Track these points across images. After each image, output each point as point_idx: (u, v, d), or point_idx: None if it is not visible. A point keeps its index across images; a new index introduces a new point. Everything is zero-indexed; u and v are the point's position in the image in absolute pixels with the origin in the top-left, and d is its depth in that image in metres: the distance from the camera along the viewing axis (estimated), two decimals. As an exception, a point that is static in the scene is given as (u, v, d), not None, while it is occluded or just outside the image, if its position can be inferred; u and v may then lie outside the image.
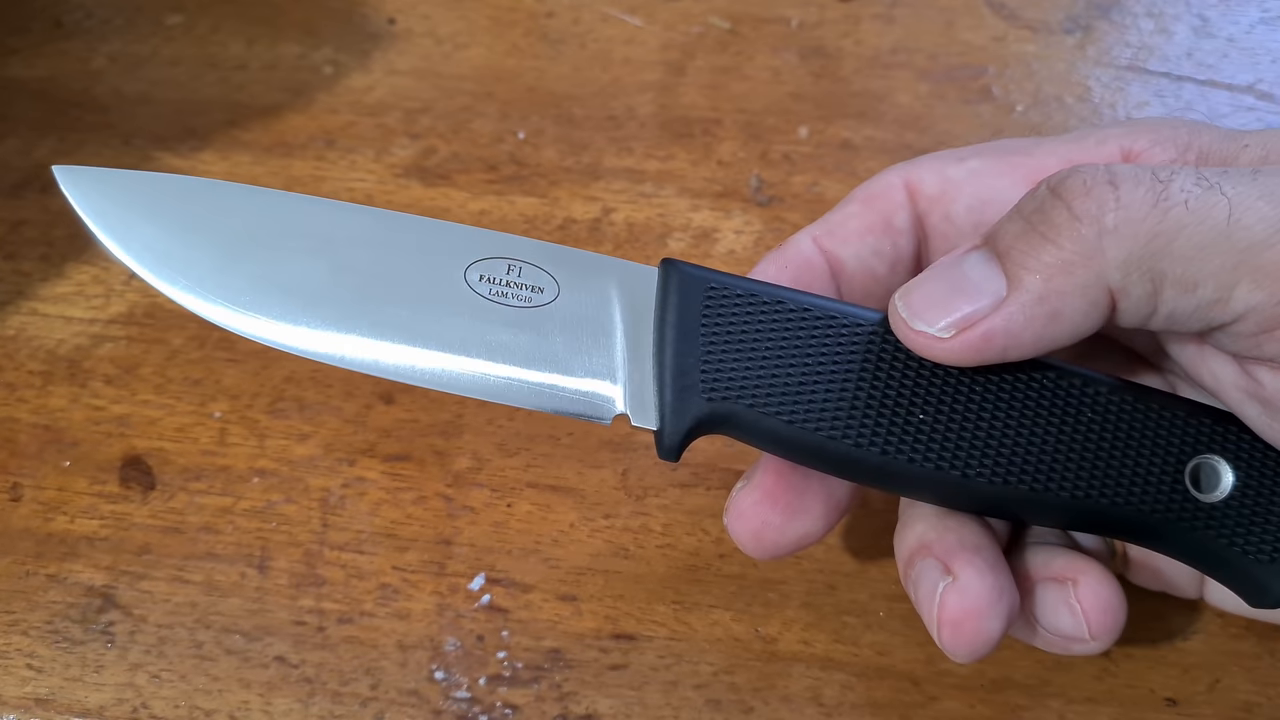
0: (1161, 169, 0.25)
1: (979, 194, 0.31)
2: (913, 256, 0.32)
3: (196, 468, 0.39)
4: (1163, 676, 0.35)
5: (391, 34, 0.51)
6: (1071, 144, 0.31)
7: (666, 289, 0.29)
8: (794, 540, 0.30)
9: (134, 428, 0.40)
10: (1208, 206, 0.25)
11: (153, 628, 0.36)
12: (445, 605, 0.36)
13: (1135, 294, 0.26)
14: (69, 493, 0.39)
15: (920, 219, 0.32)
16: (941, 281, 0.27)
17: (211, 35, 0.51)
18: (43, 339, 0.42)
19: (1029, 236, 0.26)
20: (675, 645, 0.35)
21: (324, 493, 0.38)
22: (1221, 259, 0.24)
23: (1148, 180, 0.25)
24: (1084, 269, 0.25)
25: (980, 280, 0.26)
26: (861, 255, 0.32)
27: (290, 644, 0.36)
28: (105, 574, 0.37)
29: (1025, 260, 0.26)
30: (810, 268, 0.31)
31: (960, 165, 0.32)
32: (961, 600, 0.28)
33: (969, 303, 0.26)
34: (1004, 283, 0.26)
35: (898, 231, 0.32)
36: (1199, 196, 0.25)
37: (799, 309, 0.29)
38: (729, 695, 0.34)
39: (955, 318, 0.27)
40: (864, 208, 0.32)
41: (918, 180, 0.32)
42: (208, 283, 0.29)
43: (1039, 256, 0.26)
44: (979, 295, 0.26)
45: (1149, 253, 0.25)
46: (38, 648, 0.36)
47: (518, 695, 0.35)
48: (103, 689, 0.35)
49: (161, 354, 0.42)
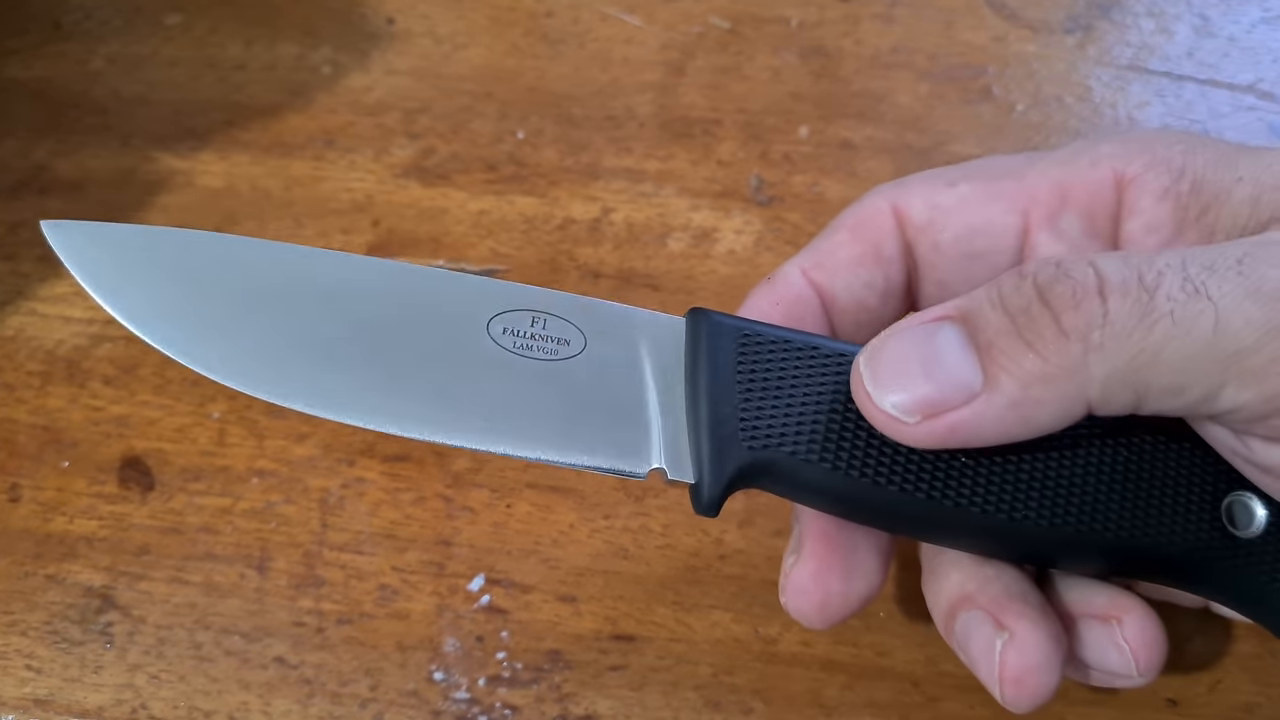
0: (1149, 267, 0.25)
1: (968, 223, 0.31)
2: (903, 286, 0.32)
3: (195, 468, 0.39)
4: (1164, 677, 0.34)
5: (390, 34, 0.51)
6: (1064, 165, 0.31)
7: (697, 338, 0.28)
8: (857, 603, 0.29)
9: (133, 428, 0.40)
10: (1193, 317, 0.24)
11: (152, 628, 0.36)
12: (445, 606, 0.36)
13: (1116, 403, 0.25)
14: (68, 493, 0.39)
15: (909, 247, 0.32)
16: (912, 355, 0.26)
17: (210, 36, 0.51)
18: (41, 339, 0.42)
19: (1012, 340, 0.25)
20: (675, 646, 0.35)
21: (323, 493, 0.38)
22: (1207, 367, 0.24)
23: (1134, 290, 0.24)
24: (1065, 383, 0.25)
25: (954, 367, 0.25)
26: (853, 288, 0.31)
27: (289, 645, 0.36)
28: (104, 575, 0.37)
29: (1005, 363, 0.25)
30: (801, 302, 0.31)
31: (950, 191, 0.31)
32: (1022, 657, 0.28)
33: (939, 390, 0.25)
34: (980, 377, 0.25)
35: (888, 261, 0.31)
36: (1184, 306, 0.24)
37: (833, 354, 0.28)
38: (729, 696, 0.34)
39: (922, 401, 0.26)
40: (852, 236, 0.31)
41: (905, 207, 0.31)
42: (215, 346, 0.28)
43: (1020, 363, 0.25)
44: (951, 384, 0.25)
45: (1133, 369, 0.24)
46: (37, 648, 0.36)
47: (517, 696, 0.35)
48: (101, 690, 0.35)
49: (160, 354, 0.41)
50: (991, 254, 0.31)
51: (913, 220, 0.31)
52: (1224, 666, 0.35)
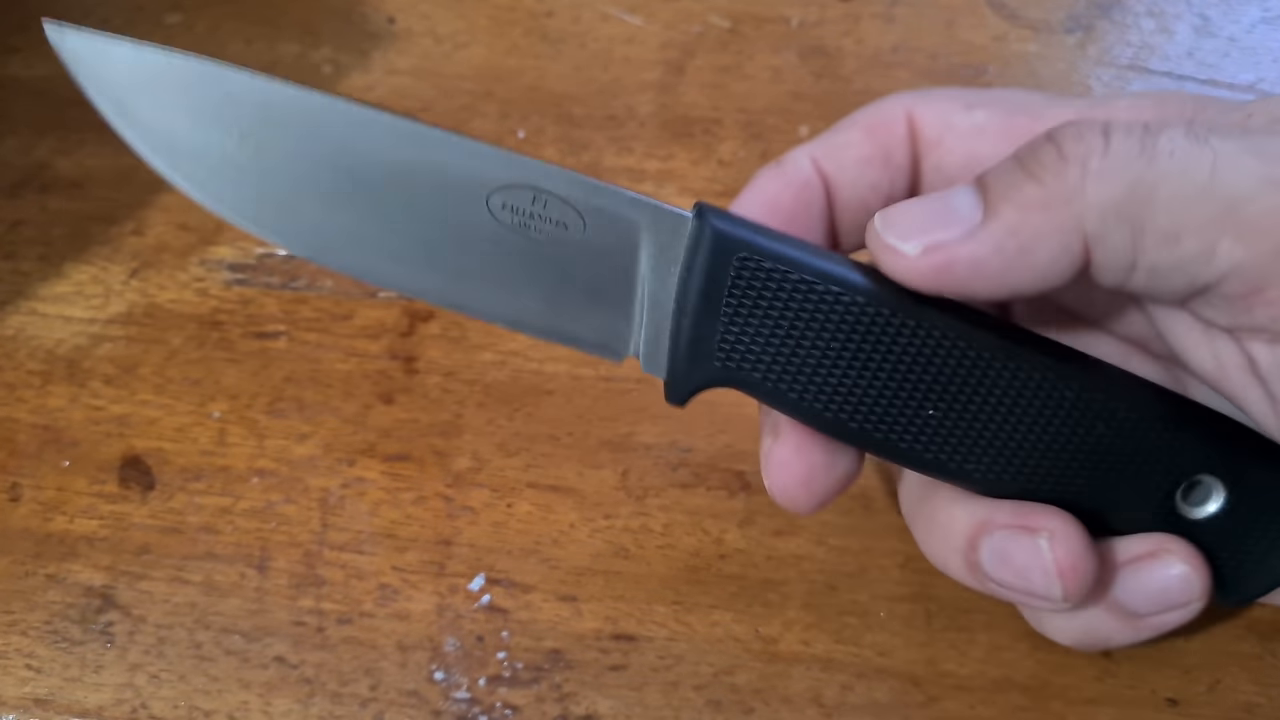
0: (1155, 124, 0.25)
1: (976, 152, 0.31)
2: (906, 193, 0.32)
3: (196, 468, 0.39)
4: (1163, 677, 0.34)
5: (391, 33, 0.51)
6: (1080, 112, 0.31)
7: (697, 245, 0.28)
8: (839, 480, 0.31)
9: (133, 428, 0.40)
10: (1193, 158, 0.24)
11: (152, 628, 0.36)
12: (445, 606, 0.36)
13: (1113, 242, 0.25)
14: (68, 493, 0.39)
15: (916, 160, 0.32)
16: (923, 206, 0.27)
17: (210, 35, 0.51)
18: (42, 339, 0.42)
19: (1015, 172, 0.26)
20: (675, 646, 0.35)
21: (323, 493, 0.38)
22: (1203, 211, 0.24)
23: (1138, 131, 0.25)
24: (1062, 209, 0.25)
25: (959, 208, 0.26)
26: (858, 186, 0.31)
27: (290, 644, 0.36)
28: (104, 574, 0.37)
29: (1006, 193, 0.26)
30: (808, 189, 0.31)
31: (966, 114, 0.31)
32: (1069, 546, 0.29)
33: (943, 227, 0.26)
34: (981, 211, 0.26)
35: (895, 168, 0.31)
36: (1185, 149, 0.25)
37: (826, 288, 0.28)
38: (729, 696, 0.34)
39: (927, 240, 0.26)
40: (865, 136, 0.31)
41: (920, 119, 0.31)
42: (224, 186, 0.29)
43: (1020, 190, 0.26)
44: (954, 221, 0.26)
45: (1130, 200, 0.25)
46: (37, 648, 0.36)
47: (518, 696, 0.35)
48: (102, 689, 0.35)
49: (161, 354, 0.42)
50: None
51: (924, 134, 0.31)
52: (1224, 666, 0.35)
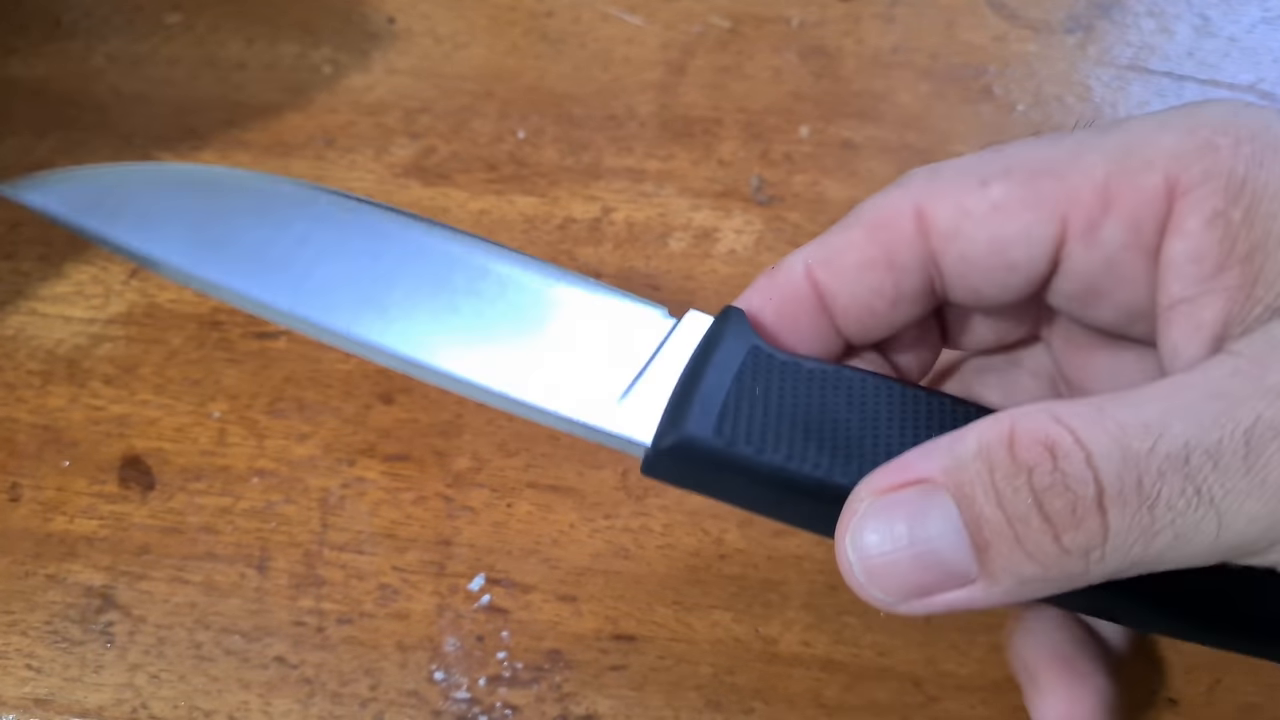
0: (1148, 467, 0.24)
1: (1000, 235, 0.28)
2: (919, 291, 0.30)
3: (196, 468, 0.39)
4: (1164, 677, 0.34)
5: (391, 33, 0.51)
6: (1115, 162, 0.28)
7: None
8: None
9: (133, 428, 0.40)
10: (1195, 526, 0.24)
11: (152, 628, 0.36)
12: (445, 606, 0.36)
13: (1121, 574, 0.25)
14: (68, 493, 0.39)
15: (934, 256, 0.29)
16: (902, 542, 0.25)
17: (210, 34, 0.51)
18: (42, 339, 0.42)
19: (1012, 548, 0.25)
20: (675, 646, 0.35)
21: (323, 493, 0.38)
22: (1210, 559, 0.24)
23: (1134, 502, 0.24)
24: (1064, 584, 0.25)
25: (950, 559, 0.25)
26: (858, 293, 0.30)
27: (290, 644, 0.36)
28: (104, 574, 0.37)
29: (1005, 565, 0.25)
30: (796, 300, 0.30)
31: (981, 194, 0.29)
32: None
33: (934, 580, 0.25)
34: (975, 568, 0.25)
35: (901, 269, 0.29)
36: (1186, 516, 0.24)
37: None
38: (730, 696, 0.34)
39: (915, 589, 0.25)
40: (866, 238, 0.29)
41: (932, 212, 0.29)
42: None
43: (1020, 569, 0.25)
44: (946, 574, 0.25)
45: (1132, 569, 0.25)
46: (37, 648, 0.36)
47: (517, 696, 0.34)
48: (102, 689, 0.35)
49: (161, 354, 0.42)
50: (1026, 265, 0.29)
51: (938, 228, 0.29)
52: (1224, 666, 0.35)
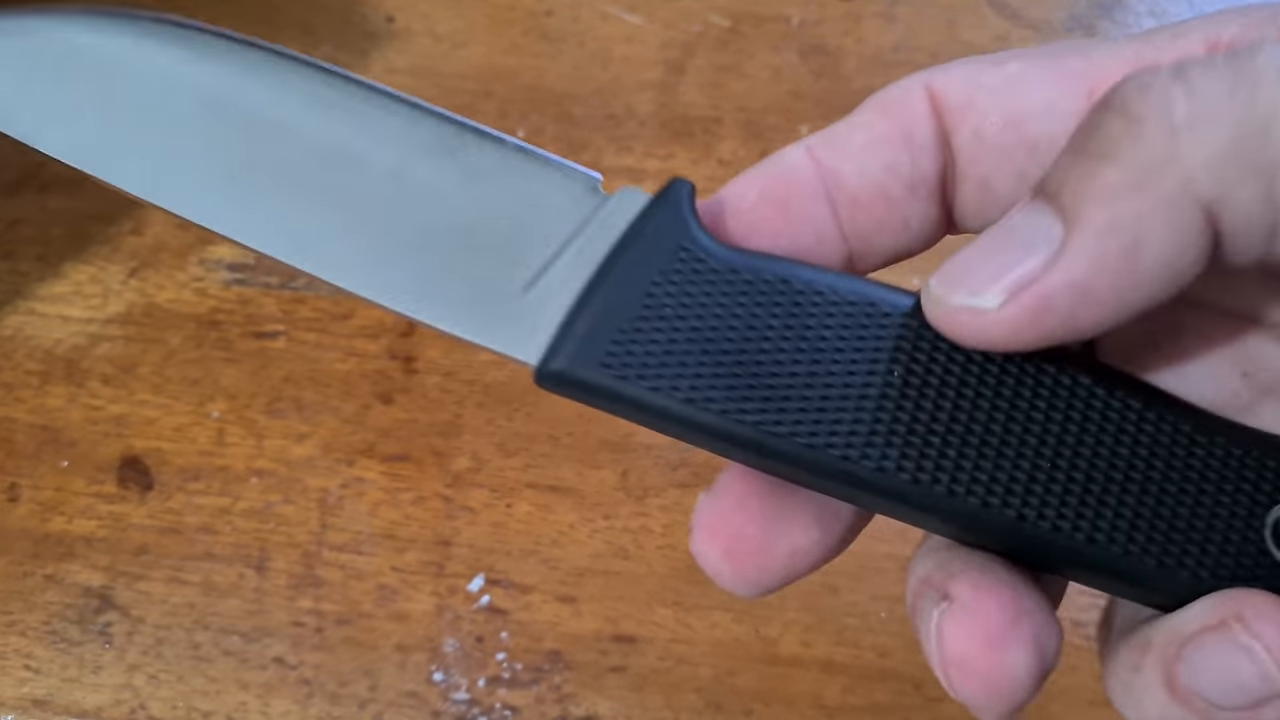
0: (1239, 45, 0.20)
1: (1019, 105, 0.25)
2: (937, 179, 0.25)
3: (194, 468, 0.39)
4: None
5: (390, 32, 0.51)
6: (1141, 43, 0.25)
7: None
8: (782, 560, 0.23)
9: (132, 428, 0.40)
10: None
11: (150, 628, 0.36)
12: (444, 606, 0.36)
13: (1242, 199, 0.19)
14: (66, 493, 0.39)
15: (945, 136, 0.25)
16: (983, 246, 0.21)
17: (210, 33, 0.51)
18: (40, 339, 0.42)
19: (1081, 162, 0.20)
20: (676, 647, 0.35)
21: (322, 493, 0.38)
22: None
23: (1221, 60, 0.20)
24: (1160, 181, 0.19)
25: (1030, 232, 0.21)
26: (869, 171, 0.25)
27: (288, 645, 0.35)
28: (103, 574, 0.37)
29: (1081, 189, 0.20)
30: (793, 183, 0.25)
31: (996, 70, 0.25)
32: (963, 629, 0.21)
33: (1019, 260, 0.20)
34: (1058, 224, 0.20)
35: (919, 147, 0.25)
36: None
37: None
38: (730, 698, 0.34)
39: (1004, 281, 0.20)
40: (878, 117, 0.25)
41: (942, 88, 0.25)
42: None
43: (1096, 179, 0.20)
44: (1031, 248, 0.20)
45: (1243, 142, 0.19)
46: (35, 648, 0.36)
47: (517, 697, 0.34)
48: (100, 690, 0.35)
49: (159, 353, 0.41)
50: (1049, 144, 0.24)
51: (950, 102, 0.25)
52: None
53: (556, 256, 0.24)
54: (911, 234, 0.25)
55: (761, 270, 0.23)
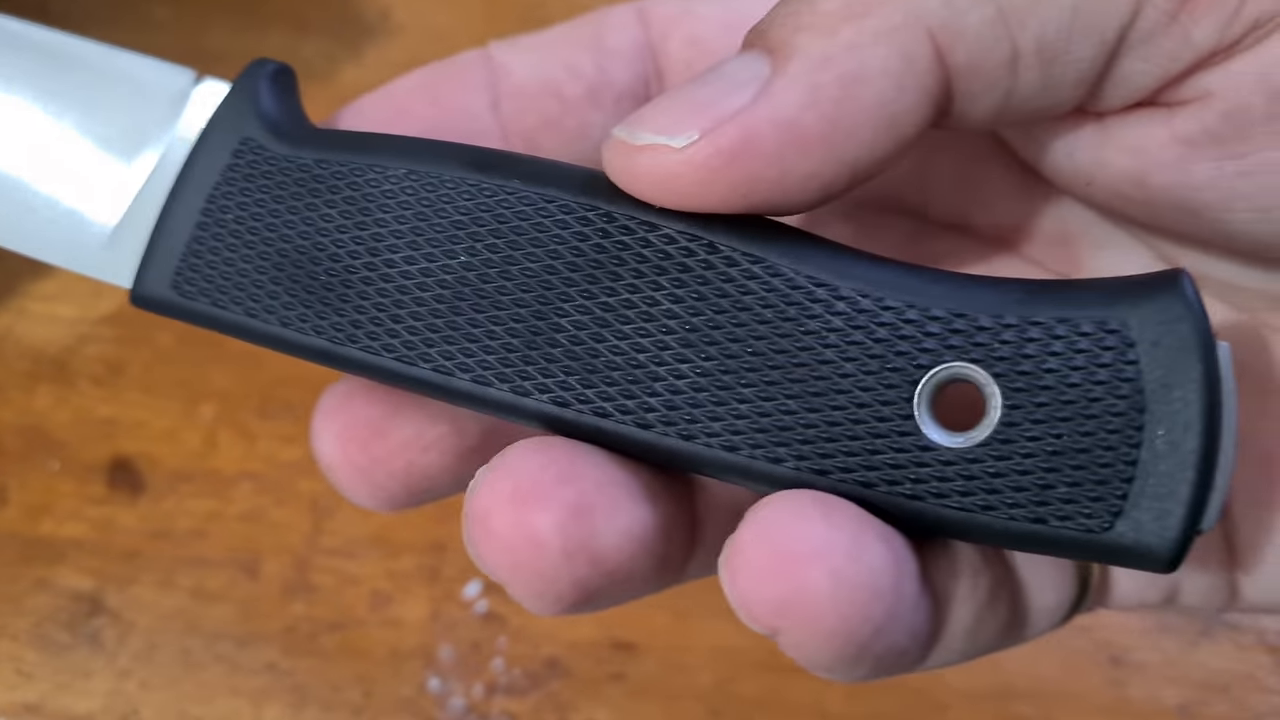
0: None
1: (742, 7, 0.22)
2: (628, 90, 0.23)
3: (185, 470, 0.39)
4: (1173, 687, 0.34)
5: (384, 26, 0.50)
6: None
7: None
8: (400, 450, 0.21)
9: (122, 429, 0.39)
10: None
11: (141, 633, 0.36)
12: (439, 612, 0.36)
13: (973, 23, 0.17)
14: (56, 495, 0.38)
15: (652, 47, 0.23)
16: (687, 90, 0.18)
17: (199, 27, 0.50)
18: (29, 338, 0.42)
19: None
20: (675, 654, 0.35)
21: (315, 496, 0.38)
22: None
23: None
24: (884, 6, 0.17)
25: (737, 70, 0.17)
26: (545, 66, 0.22)
27: (281, 651, 0.35)
28: (93, 578, 0.37)
29: (793, 22, 0.17)
30: (457, 75, 0.22)
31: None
32: (490, 484, 0.18)
33: (721, 96, 0.17)
34: (764, 59, 0.17)
35: (609, 52, 0.22)
36: None
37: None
38: (730, 705, 0.34)
39: (692, 110, 0.17)
40: (572, 26, 0.23)
41: (653, 3, 0.23)
42: None
43: (810, 10, 0.17)
44: (735, 87, 0.17)
45: None
46: (25, 653, 0.35)
47: (514, 705, 0.34)
48: (91, 695, 0.35)
49: (149, 354, 0.41)
50: None
51: (661, 13, 0.23)
52: (1233, 674, 0.34)
53: (152, 168, 0.21)
54: (590, 144, 0.22)
55: (332, 161, 0.20)
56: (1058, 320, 0.17)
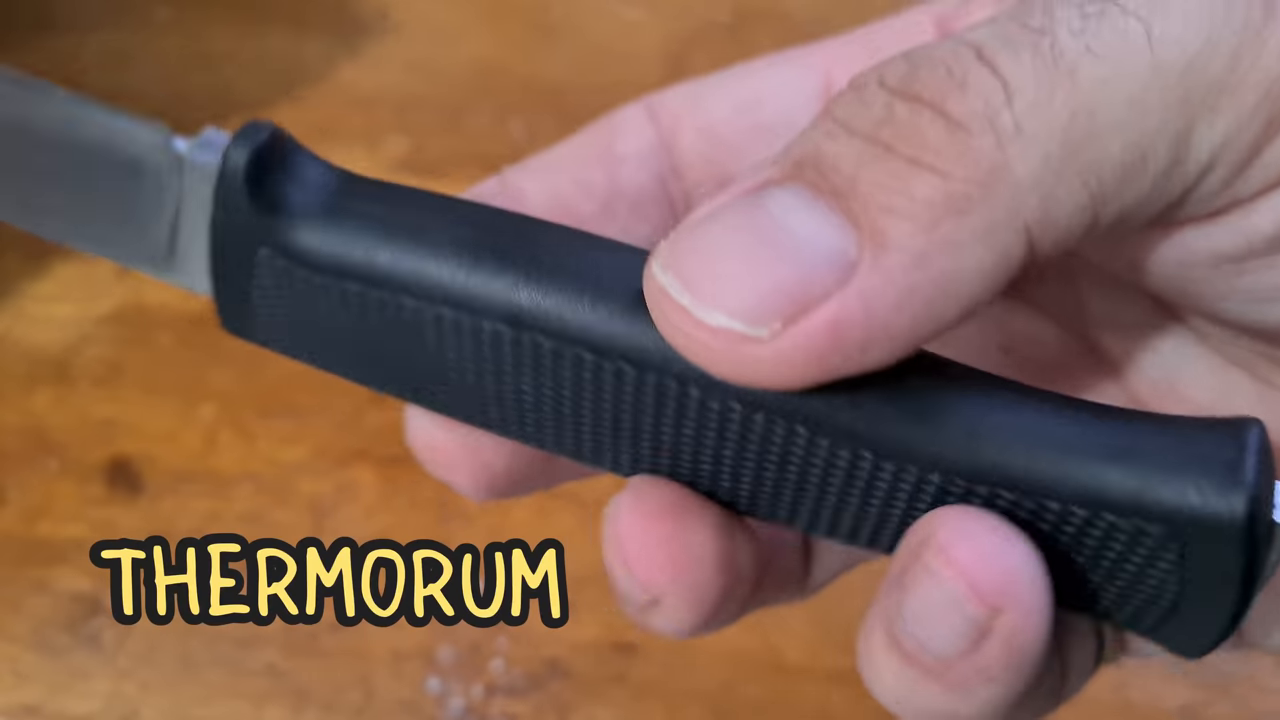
0: (1029, 13, 0.17)
1: (750, 91, 0.22)
2: (644, 195, 0.23)
3: (185, 471, 0.39)
4: (1174, 688, 0.34)
5: (384, 26, 0.50)
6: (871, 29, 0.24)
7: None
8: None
9: (121, 429, 0.39)
10: (1118, 35, 0.16)
11: (141, 634, 0.35)
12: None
13: (1064, 213, 0.17)
14: (55, 496, 0.38)
15: (665, 145, 0.23)
16: (737, 235, 0.17)
17: (200, 28, 0.50)
18: (28, 339, 0.42)
19: (886, 164, 0.16)
20: (678, 656, 0.35)
21: (315, 497, 0.38)
22: (1161, 101, 0.17)
23: (1022, 37, 0.17)
24: (986, 202, 0.16)
25: (806, 232, 0.16)
26: (557, 187, 0.22)
27: (281, 652, 0.35)
28: (92, 579, 0.36)
29: (886, 200, 0.16)
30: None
31: (720, 74, 0.23)
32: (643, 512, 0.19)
33: (798, 269, 0.16)
34: (852, 236, 0.16)
35: (618, 160, 0.22)
36: (1098, 32, 0.17)
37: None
38: (733, 708, 0.34)
39: (775, 294, 0.16)
40: (582, 138, 0.23)
41: (660, 100, 0.23)
42: None
43: (910, 191, 0.16)
44: (814, 257, 0.16)
45: (1071, 146, 0.16)
46: (24, 654, 0.35)
47: (514, 706, 0.34)
48: (91, 697, 0.35)
49: (149, 354, 0.41)
50: (788, 126, 0.21)
51: (670, 108, 0.23)
52: (1234, 676, 0.34)
53: (175, 242, 0.21)
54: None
55: (355, 291, 0.19)
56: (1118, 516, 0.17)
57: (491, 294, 0.18)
